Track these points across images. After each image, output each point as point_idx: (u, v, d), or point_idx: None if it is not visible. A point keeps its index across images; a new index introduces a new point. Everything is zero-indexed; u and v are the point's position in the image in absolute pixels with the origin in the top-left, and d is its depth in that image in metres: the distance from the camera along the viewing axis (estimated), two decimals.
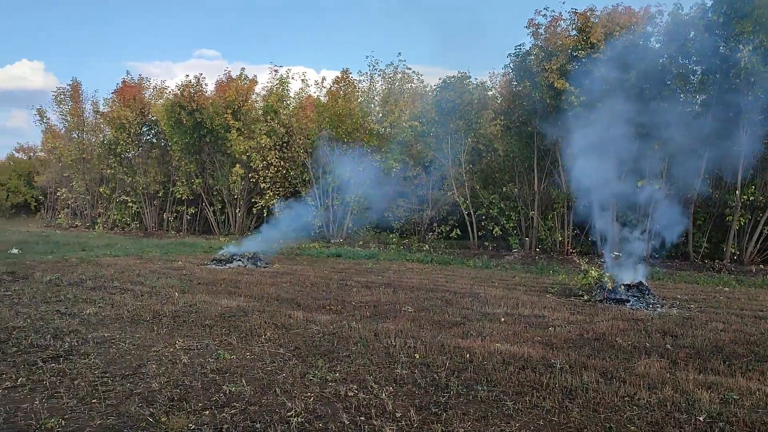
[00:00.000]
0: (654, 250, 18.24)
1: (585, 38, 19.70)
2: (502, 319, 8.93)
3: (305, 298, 10.62)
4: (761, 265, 17.95)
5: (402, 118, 26.59)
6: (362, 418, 4.85)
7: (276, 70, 29.00)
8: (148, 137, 33.79)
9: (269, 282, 12.84)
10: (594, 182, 14.49)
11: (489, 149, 25.21)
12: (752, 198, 18.18)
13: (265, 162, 27.31)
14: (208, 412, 4.96)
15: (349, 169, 24.11)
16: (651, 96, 18.08)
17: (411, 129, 25.21)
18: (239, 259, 16.25)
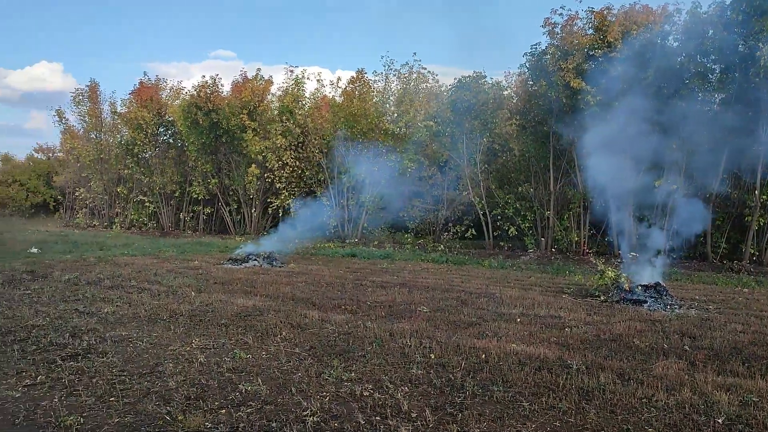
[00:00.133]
0: (672, 251, 18.06)
1: (602, 37, 19.54)
2: (518, 320, 8.90)
3: (320, 298, 10.65)
4: None
5: (417, 118, 26.52)
6: (378, 418, 4.86)
7: (291, 71, 28.99)
8: (165, 138, 33.95)
9: (285, 282, 12.89)
10: (611, 182, 14.40)
11: (504, 149, 25.08)
12: None
13: (280, 162, 27.37)
14: (224, 410, 5.00)
15: (364, 169, 24.09)
16: (669, 95, 17.89)
17: (426, 129, 25.16)
18: (255, 259, 16.31)
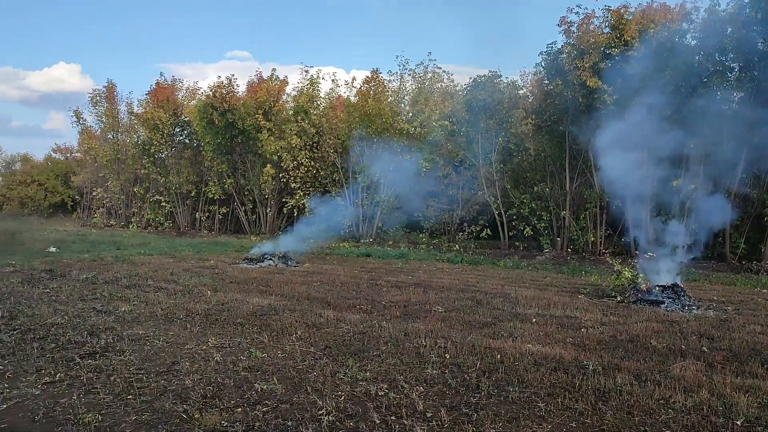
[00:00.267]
0: (690, 251, 17.87)
1: (618, 35, 19.38)
2: (534, 320, 8.86)
3: (335, 298, 10.67)
4: None
5: (432, 118, 26.50)
6: (393, 418, 4.86)
7: (306, 71, 29.02)
8: (181, 138, 34.20)
9: (300, 281, 12.93)
10: (627, 182, 14.27)
11: (520, 148, 24.97)
12: None
13: (295, 162, 27.44)
14: (240, 409, 5.03)
15: (379, 168, 24.11)
16: (687, 93, 17.71)
17: (441, 128, 25.13)
18: (270, 258, 16.37)
